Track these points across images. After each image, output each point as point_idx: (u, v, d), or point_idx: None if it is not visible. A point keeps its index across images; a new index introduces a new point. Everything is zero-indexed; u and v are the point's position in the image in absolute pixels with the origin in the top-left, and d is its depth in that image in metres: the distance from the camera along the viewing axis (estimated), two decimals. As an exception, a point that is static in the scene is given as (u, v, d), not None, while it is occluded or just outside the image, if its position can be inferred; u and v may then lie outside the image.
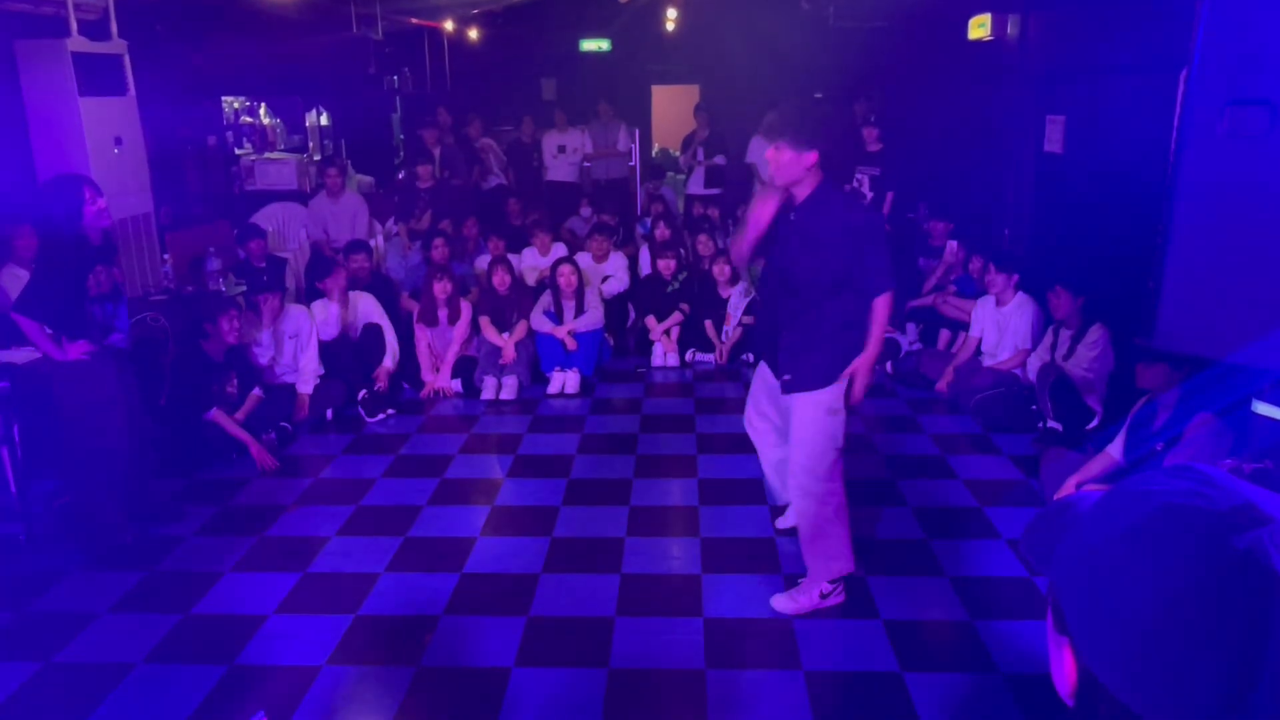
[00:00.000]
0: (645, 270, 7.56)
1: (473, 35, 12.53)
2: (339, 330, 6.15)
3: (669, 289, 7.03)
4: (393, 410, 5.91)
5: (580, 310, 6.55)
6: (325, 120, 10.95)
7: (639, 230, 8.96)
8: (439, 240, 7.16)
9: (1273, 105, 2.21)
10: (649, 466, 5.03)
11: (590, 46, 13.11)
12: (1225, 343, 2.44)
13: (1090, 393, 5.14)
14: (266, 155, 9.48)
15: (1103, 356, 5.15)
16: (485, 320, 6.43)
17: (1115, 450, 3.99)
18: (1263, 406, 3.16)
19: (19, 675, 3.24)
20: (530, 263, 7.39)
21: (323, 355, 5.88)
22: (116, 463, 4.10)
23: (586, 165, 10.12)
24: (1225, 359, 2.55)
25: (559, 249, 7.40)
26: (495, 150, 10.03)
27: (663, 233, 7.58)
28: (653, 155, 13.85)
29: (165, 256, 6.25)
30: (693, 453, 5.20)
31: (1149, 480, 0.72)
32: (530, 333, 6.48)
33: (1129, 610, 0.66)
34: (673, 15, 12.11)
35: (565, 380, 6.31)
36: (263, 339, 5.71)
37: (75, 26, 5.27)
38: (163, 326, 5.35)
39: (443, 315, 6.33)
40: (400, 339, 6.43)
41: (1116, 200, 5.30)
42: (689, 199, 9.99)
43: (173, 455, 4.93)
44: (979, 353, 6.01)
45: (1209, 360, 2.99)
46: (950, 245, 7.06)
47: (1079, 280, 5.30)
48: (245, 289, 6.25)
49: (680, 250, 7.46)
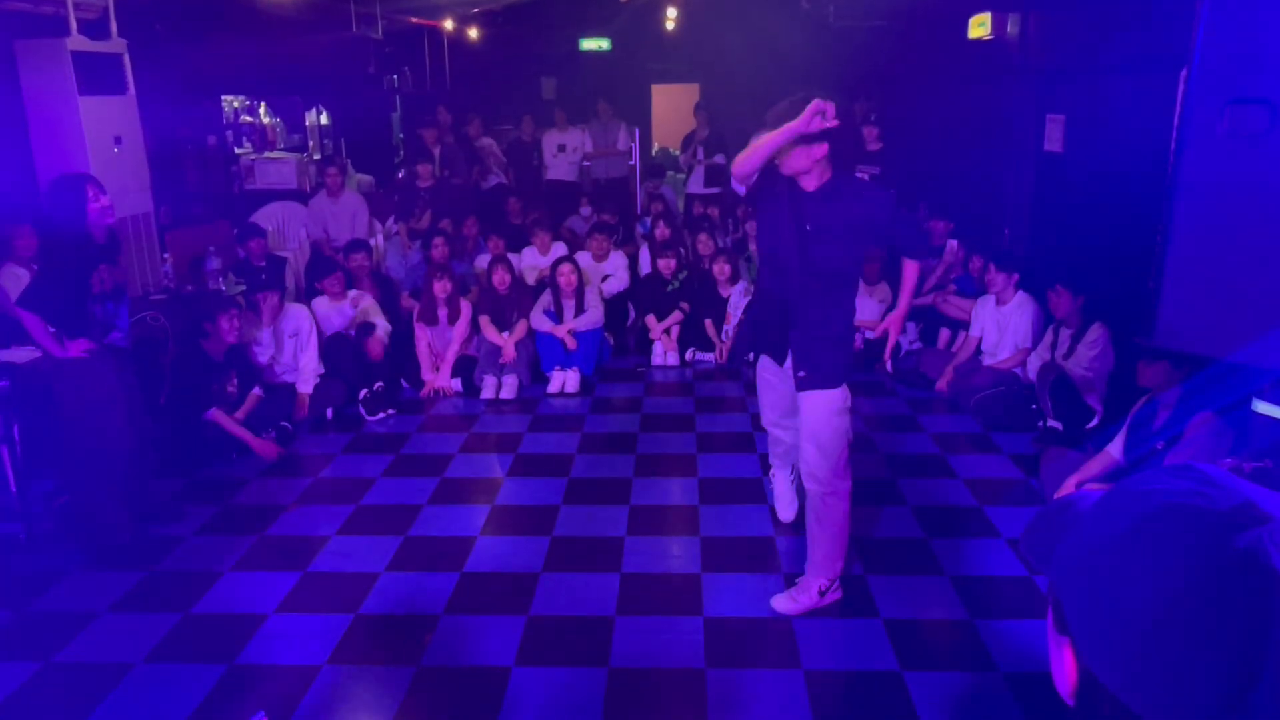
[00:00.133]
0: (645, 269, 7.56)
1: (473, 34, 12.53)
2: (348, 322, 6.15)
3: (669, 288, 7.03)
4: (393, 410, 5.91)
5: (580, 309, 6.55)
6: (325, 119, 10.94)
7: (639, 229, 8.96)
8: (439, 239, 7.17)
9: (1273, 104, 2.21)
10: (649, 466, 5.03)
11: (590, 45, 13.11)
12: (1225, 341, 2.44)
13: (1090, 392, 5.14)
14: (266, 154, 9.48)
15: (1103, 355, 5.15)
16: (485, 319, 6.43)
17: (1115, 449, 3.99)
18: (1263, 405, 3.16)
19: (19, 675, 3.24)
20: (530, 262, 7.39)
21: (323, 354, 5.89)
22: (116, 462, 4.10)
23: (586, 164, 10.12)
24: (1225, 358, 2.55)
25: (559, 248, 7.40)
26: (494, 151, 10.01)
27: (663, 232, 7.58)
28: (653, 154, 13.85)
29: (165, 256, 6.25)
30: (693, 452, 5.20)
31: (1149, 479, 0.72)
32: (530, 332, 6.48)
33: (1129, 610, 0.66)
34: (673, 14, 12.12)
35: (565, 379, 6.31)
36: (263, 338, 5.71)
37: (75, 25, 5.26)
38: (162, 326, 5.35)
39: (443, 314, 6.33)
40: (400, 338, 6.44)
41: (1116, 199, 5.29)
42: (689, 198, 9.99)
43: (173, 455, 4.93)
44: (979, 352, 6.02)
45: (1209, 359, 2.98)
46: (950, 244, 7.06)
47: (1079, 279, 5.30)
48: (245, 288, 6.25)
49: (680, 249, 7.46)
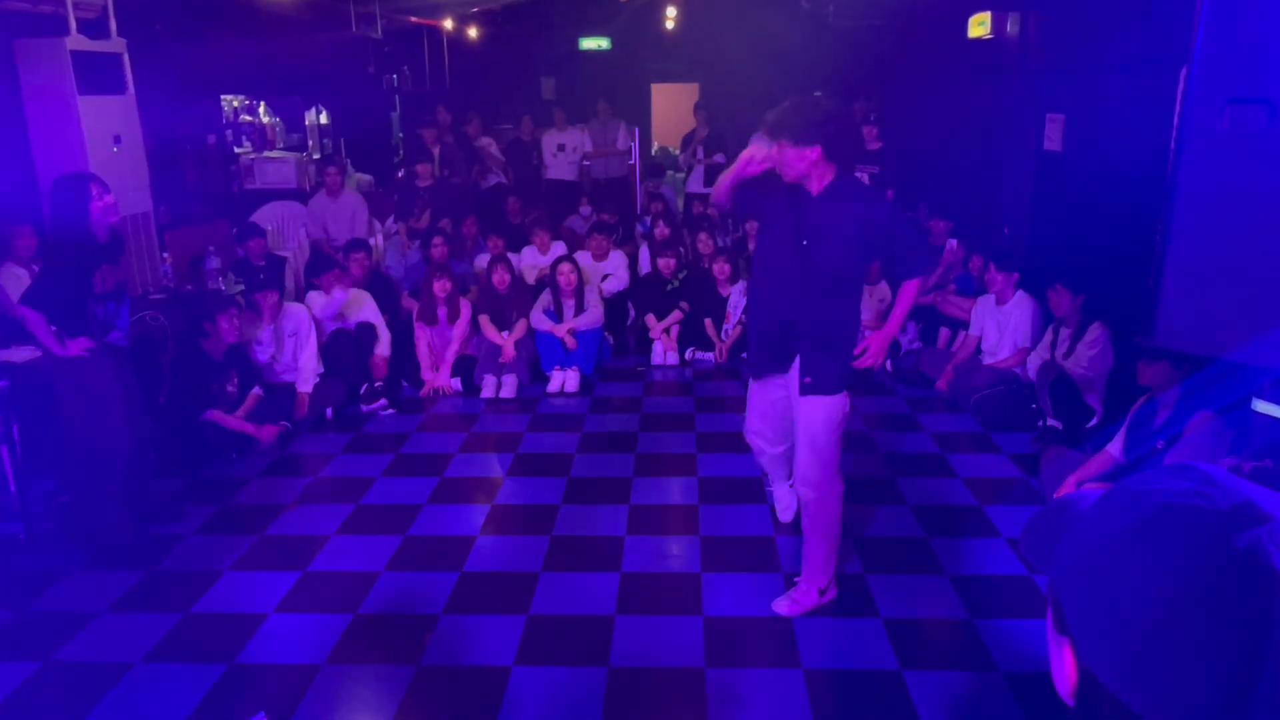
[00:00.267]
0: (645, 269, 7.56)
1: (472, 34, 12.53)
2: (335, 313, 6.13)
3: (669, 287, 7.03)
4: (385, 401, 5.93)
5: (580, 309, 6.54)
6: (324, 119, 10.93)
7: (639, 229, 8.95)
8: (438, 239, 7.16)
9: (1273, 104, 2.21)
10: (648, 465, 5.03)
11: (590, 45, 13.12)
12: (1225, 341, 2.44)
13: (1090, 391, 5.14)
14: (266, 154, 9.47)
15: (1102, 355, 5.15)
16: (485, 319, 6.43)
17: (1115, 449, 3.99)
18: (1262, 405, 3.17)
19: (19, 674, 3.24)
20: (530, 261, 7.39)
21: (322, 354, 5.89)
22: (116, 462, 4.10)
23: (586, 164, 10.11)
24: (1225, 357, 2.55)
25: (558, 247, 7.39)
26: (490, 151, 9.99)
27: (662, 231, 7.58)
28: (652, 154, 13.85)
29: (164, 255, 6.25)
30: (692, 451, 5.20)
31: (1149, 479, 0.72)
32: (530, 331, 6.48)
33: (1129, 609, 0.65)
34: (672, 14, 12.11)
35: (565, 379, 6.31)
36: (263, 336, 5.71)
37: (74, 25, 5.26)
38: (162, 325, 5.35)
39: (442, 314, 6.33)
40: (400, 338, 6.44)
41: (1116, 198, 5.29)
42: (688, 197, 9.99)
43: (173, 455, 4.93)
44: (979, 351, 6.02)
45: (1209, 359, 2.99)
46: (950, 244, 7.06)
47: (1079, 278, 5.30)
48: (244, 288, 6.25)
49: (680, 249, 7.46)
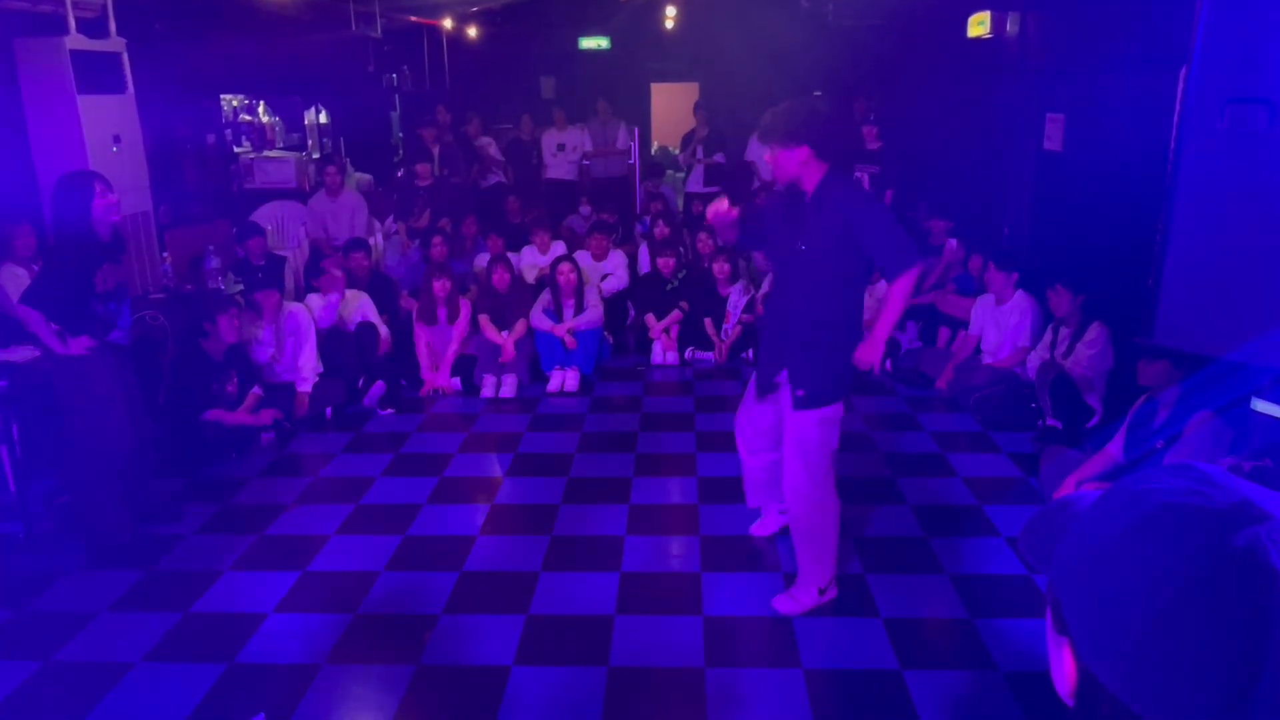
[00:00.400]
0: (644, 268, 7.56)
1: (472, 33, 12.52)
2: (334, 320, 6.15)
3: (668, 287, 7.03)
4: (383, 385, 5.99)
5: (580, 308, 6.54)
6: (324, 118, 10.93)
7: (638, 228, 8.95)
8: (438, 238, 7.16)
9: (1272, 104, 2.21)
10: (648, 465, 5.03)
11: (589, 44, 13.11)
12: (1224, 340, 2.44)
13: (1090, 391, 5.14)
14: (265, 153, 9.47)
15: (1102, 354, 5.15)
16: (484, 318, 6.43)
17: (1115, 448, 3.99)
18: (1262, 404, 3.17)
19: (18, 674, 3.24)
20: (529, 261, 7.39)
21: (321, 353, 5.89)
22: (116, 461, 4.09)
23: (586, 163, 10.11)
24: (1224, 357, 2.55)
25: (558, 247, 7.39)
26: (488, 151, 9.97)
27: (662, 231, 7.58)
28: (652, 153, 13.84)
29: (164, 255, 6.25)
30: (692, 451, 5.20)
31: (1148, 479, 0.72)
32: (529, 331, 6.48)
33: (1128, 609, 0.65)
34: (672, 13, 12.10)
35: (565, 378, 6.31)
36: (265, 337, 5.71)
37: (74, 24, 5.25)
38: (162, 325, 5.34)
39: (442, 313, 6.33)
40: (399, 337, 6.43)
41: (1116, 198, 5.29)
42: (688, 197, 9.98)
43: (173, 455, 4.93)
44: (978, 351, 6.02)
45: (1208, 358, 2.99)
46: (950, 243, 7.06)
47: (1078, 278, 5.30)
48: (243, 288, 6.25)
49: (679, 248, 7.46)
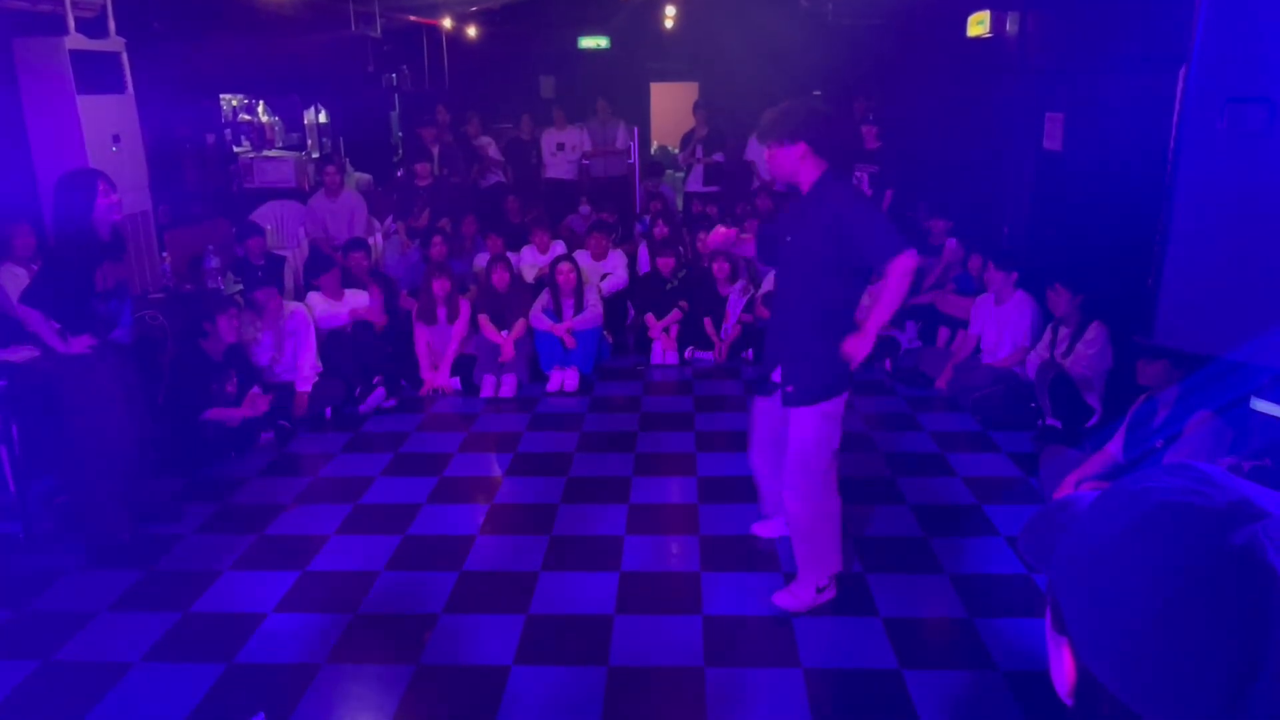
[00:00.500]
0: (644, 268, 7.56)
1: (471, 33, 12.52)
2: (344, 320, 6.16)
3: (668, 287, 7.03)
4: (382, 378, 5.97)
5: (579, 308, 6.54)
6: (324, 118, 10.93)
7: (638, 228, 8.95)
8: (438, 238, 7.16)
9: (1272, 103, 2.21)
10: (648, 464, 5.03)
11: (589, 44, 13.10)
12: (1224, 340, 2.44)
13: (1089, 390, 5.14)
14: (265, 153, 9.46)
15: (1102, 354, 5.15)
16: (484, 318, 6.43)
17: (1114, 448, 3.99)
18: (1261, 404, 3.17)
19: (18, 673, 3.24)
20: (529, 260, 7.39)
21: (321, 353, 5.88)
22: (116, 461, 4.09)
23: (585, 163, 10.10)
24: (1224, 356, 2.55)
25: (558, 247, 7.39)
26: (486, 151, 9.96)
27: (661, 230, 7.58)
28: (651, 153, 13.83)
29: (164, 255, 6.24)
30: (691, 450, 5.20)
31: (1146, 478, 0.72)
32: (529, 330, 6.48)
33: (1127, 609, 0.66)
34: (671, 13, 12.10)
35: (564, 378, 6.31)
36: (265, 338, 5.71)
37: (73, 24, 5.24)
38: (161, 325, 5.34)
39: (441, 313, 6.33)
40: (399, 337, 6.43)
41: (1116, 197, 5.29)
42: (688, 196, 9.99)
43: (172, 455, 4.94)
44: (978, 350, 6.02)
45: (1208, 357, 2.99)
46: (949, 243, 7.06)
47: (1078, 278, 5.30)
48: (243, 287, 6.25)
49: (679, 248, 7.45)
